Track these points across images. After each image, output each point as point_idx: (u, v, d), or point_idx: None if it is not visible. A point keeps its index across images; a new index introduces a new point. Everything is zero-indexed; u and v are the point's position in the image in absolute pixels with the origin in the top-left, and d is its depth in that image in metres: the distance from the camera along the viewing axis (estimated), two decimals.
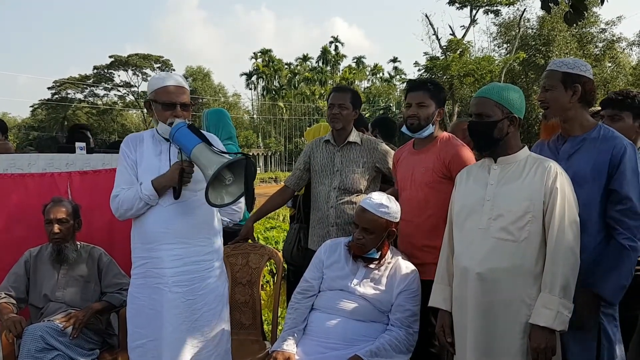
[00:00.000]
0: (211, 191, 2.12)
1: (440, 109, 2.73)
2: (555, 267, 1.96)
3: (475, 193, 2.17)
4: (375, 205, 2.48)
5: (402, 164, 2.86)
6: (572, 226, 1.99)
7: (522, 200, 2.03)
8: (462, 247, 2.17)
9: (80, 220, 3.06)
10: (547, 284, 1.96)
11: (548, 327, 1.93)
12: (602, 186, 2.13)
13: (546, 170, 2.04)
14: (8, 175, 3.24)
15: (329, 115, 3.13)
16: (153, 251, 2.40)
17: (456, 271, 2.20)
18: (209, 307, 2.45)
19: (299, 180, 3.30)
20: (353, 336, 2.43)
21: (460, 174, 2.34)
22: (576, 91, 2.23)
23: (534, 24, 30.25)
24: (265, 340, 3.14)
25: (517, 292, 2.01)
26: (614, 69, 29.63)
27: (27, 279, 2.95)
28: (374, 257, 2.51)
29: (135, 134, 2.57)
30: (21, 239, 3.10)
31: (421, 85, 2.74)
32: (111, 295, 2.96)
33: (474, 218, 2.14)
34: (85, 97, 55.61)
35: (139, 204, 2.36)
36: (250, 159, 2.18)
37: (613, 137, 2.18)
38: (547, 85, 2.27)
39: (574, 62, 2.28)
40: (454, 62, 28.53)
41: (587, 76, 2.24)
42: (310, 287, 2.61)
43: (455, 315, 2.22)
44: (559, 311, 1.92)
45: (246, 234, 3.23)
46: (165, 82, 2.41)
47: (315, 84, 59.01)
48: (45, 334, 2.63)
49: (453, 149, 2.67)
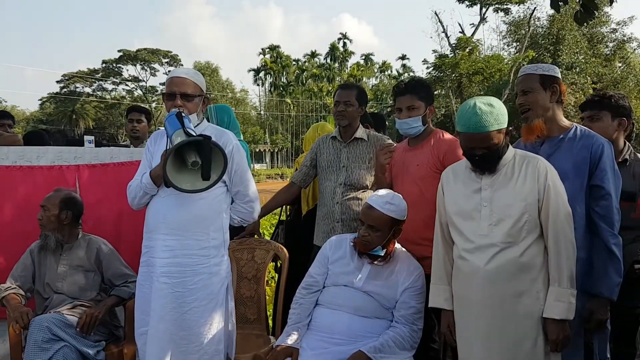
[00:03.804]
0: (178, 175, 2.21)
1: (430, 107, 2.78)
2: (560, 261, 2.03)
3: (470, 199, 2.17)
4: (382, 203, 2.48)
5: (396, 162, 2.88)
6: (567, 219, 2.06)
7: (518, 202, 2.07)
8: (464, 250, 2.17)
9: (70, 213, 2.95)
10: (555, 277, 2.03)
11: (563, 319, 2.00)
12: (584, 182, 2.22)
13: (536, 168, 2.09)
14: (17, 168, 3.27)
15: (334, 113, 3.16)
16: (151, 240, 2.46)
17: (458, 271, 2.21)
18: (200, 303, 2.41)
19: (305, 177, 3.31)
20: (357, 332, 2.44)
21: (446, 174, 2.34)
22: (554, 91, 2.33)
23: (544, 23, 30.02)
24: (270, 335, 3.16)
25: (522, 288, 2.05)
26: (624, 69, 29.36)
27: (33, 268, 2.99)
28: (378, 255, 2.51)
29: (162, 129, 2.62)
30: (29, 231, 3.12)
31: (408, 88, 2.76)
32: (119, 289, 2.98)
33: (472, 223, 2.15)
34: (94, 91, 55.84)
35: (140, 192, 2.47)
36: (210, 141, 2.18)
37: (590, 136, 2.27)
38: (527, 88, 2.35)
39: (547, 65, 2.39)
40: (463, 60, 28.37)
41: (560, 78, 2.35)
42: (315, 283, 2.62)
43: (457, 314, 2.23)
44: (570, 302, 2.01)
45: (252, 229, 3.25)
46: (171, 74, 2.51)
47: (323, 80, 58.95)
48: (52, 325, 2.66)
49: (446, 144, 2.70)
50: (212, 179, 2.24)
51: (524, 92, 2.36)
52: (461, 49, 30.21)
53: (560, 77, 2.37)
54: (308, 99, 57.42)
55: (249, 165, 3.68)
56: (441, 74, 29.38)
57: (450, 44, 31.95)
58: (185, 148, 2.21)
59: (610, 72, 28.08)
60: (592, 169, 2.21)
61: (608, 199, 2.18)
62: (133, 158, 3.45)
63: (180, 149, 2.20)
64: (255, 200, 2.63)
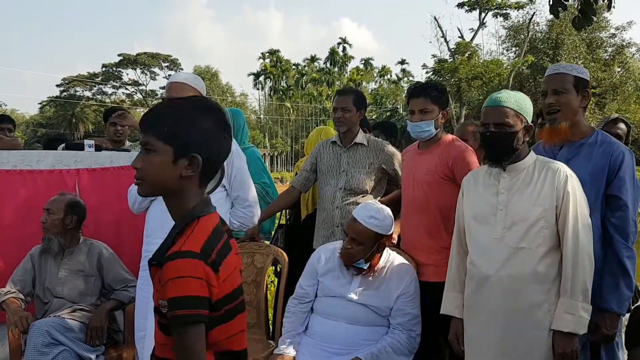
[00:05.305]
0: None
1: (443, 112, 2.73)
2: (574, 272, 1.93)
3: (487, 202, 2.11)
4: (366, 217, 2.43)
5: (406, 164, 2.88)
6: (585, 229, 1.97)
7: (534, 207, 2.00)
8: (476, 256, 2.12)
9: (75, 217, 2.97)
10: (567, 289, 1.94)
11: (571, 332, 1.91)
12: (600, 191, 2.14)
13: (556, 174, 2.00)
14: (17, 172, 3.26)
15: (333, 119, 3.17)
16: (150, 244, 2.47)
17: (470, 279, 2.16)
18: None
19: (305, 181, 3.31)
20: (355, 341, 2.43)
21: (467, 179, 2.28)
22: (585, 96, 2.23)
23: (543, 28, 30.14)
24: (270, 340, 3.15)
25: (535, 298, 1.98)
26: (624, 74, 29.44)
27: (33, 272, 2.98)
28: (362, 268, 2.46)
29: None
30: (29, 235, 3.12)
31: (422, 91, 2.71)
32: (119, 293, 2.98)
33: (487, 227, 2.09)
34: (94, 95, 55.99)
35: (139, 197, 2.50)
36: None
37: (611, 143, 2.17)
38: (560, 88, 2.22)
39: (580, 67, 2.28)
40: (462, 64, 28.50)
41: (590, 82, 2.25)
42: (306, 294, 2.61)
43: (467, 323, 2.17)
44: (580, 315, 1.91)
45: (252, 233, 3.24)
46: (170, 80, 2.53)
47: (323, 84, 59.05)
48: (52, 329, 2.65)
49: (456, 150, 2.68)
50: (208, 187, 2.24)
51: (555, 92, 2.22)
52: (460, 54, 30.34)
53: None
54: (308, 103, 57.47)
55: (266, 169, 3.69)
56: (440, 79, 29.46)
57: (450, 48, 32.09)
58: None
59: (609, 76, 28.17)
60: (611, 178, 2.11)
61: (625, 210, 2.09)
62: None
63: None
64: (255, 205, 2.63)
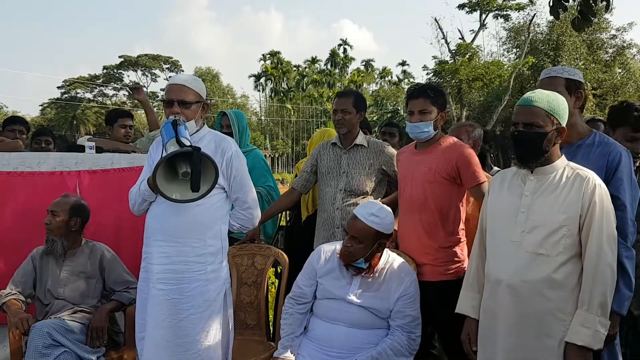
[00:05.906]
0: (170, 184, 2.24)
1: (442, 113, 2.74)
2: (594, 284, 1.88)
3: (510, 203, 2.07)
4: (367, 214, 2.43)
5: (402, 165, 2.88)
6: (610, 241, 1.91)
7: (557, 213, 1.95)
8: (493, 258, 2.10)
9: (79, 219, 3.00)
10: (585, 301, 1.89)
11: (586, 346, 1.86)
12: None
13: (584, 182, 1.94)
14: (18, 174, 3.28)
15: (334, 121, 3.18)
16: (149, 246, 2.48)
17: (487, 281, 2.13)
18: (196, 310, 2.40)
19: (306, 183, 3.31)
20: (356, 344, 2.43)
21: (494, 179, 2.26)
22: (579, 97, 2.25)
23: (544, 29, 30.10)
24: (270, 341, 3.16)
25: (550, 307, 1.93)
26: (624, 75, 29.41)
27: (34, 274, 2.99)
28: (362, 267, 2.44)
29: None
30: (30, 237, 3.13)
31: (421, 92, 2.72)
32: (120, 294, 2.99)
33: (506, 230, 2.05)
34: (95, 96, 56.12)
35: (139, 199, 2.52)
36: (199, 153, 2.19)
37: (608, 144, 2.19)
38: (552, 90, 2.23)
39: (572, 69, 2.30)
40: (463, 66, 28.47)
41: (584, 83, 2.27)
42: (303, 294, 2.60)
43: (482, 326, 2.14)
44: (597, 330, 1.86)
45: (252, 235, 3.25)
46: (170, 81, 2.52)
47: (324, 86, 59.07)
48: (52, 331, 2.66)
49: (460, 149, 2.68)
50: (202, 190, 2.25)
51: None
52: (461, 55, 30.32)
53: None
54: (308, 104, 57.49)
55: (270, 171, 3.69)
56: (441, 80, 29.44)
57: (450, 50, 32.05)
58: (178, 158, 2.22)
59: (610, 78, 28.11)
60: (608, 178, 2.10)
61: (623, 210, 2.06)
62: (133, 164, 3.46)
63: (173, 159, 2.22)
64: (255, 207, 2.62)
